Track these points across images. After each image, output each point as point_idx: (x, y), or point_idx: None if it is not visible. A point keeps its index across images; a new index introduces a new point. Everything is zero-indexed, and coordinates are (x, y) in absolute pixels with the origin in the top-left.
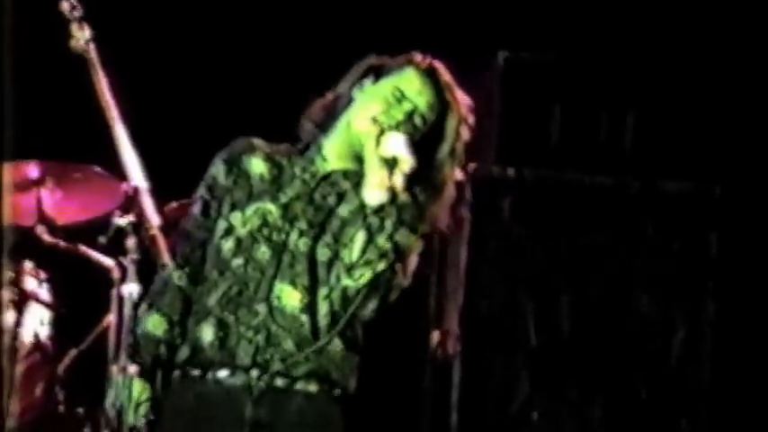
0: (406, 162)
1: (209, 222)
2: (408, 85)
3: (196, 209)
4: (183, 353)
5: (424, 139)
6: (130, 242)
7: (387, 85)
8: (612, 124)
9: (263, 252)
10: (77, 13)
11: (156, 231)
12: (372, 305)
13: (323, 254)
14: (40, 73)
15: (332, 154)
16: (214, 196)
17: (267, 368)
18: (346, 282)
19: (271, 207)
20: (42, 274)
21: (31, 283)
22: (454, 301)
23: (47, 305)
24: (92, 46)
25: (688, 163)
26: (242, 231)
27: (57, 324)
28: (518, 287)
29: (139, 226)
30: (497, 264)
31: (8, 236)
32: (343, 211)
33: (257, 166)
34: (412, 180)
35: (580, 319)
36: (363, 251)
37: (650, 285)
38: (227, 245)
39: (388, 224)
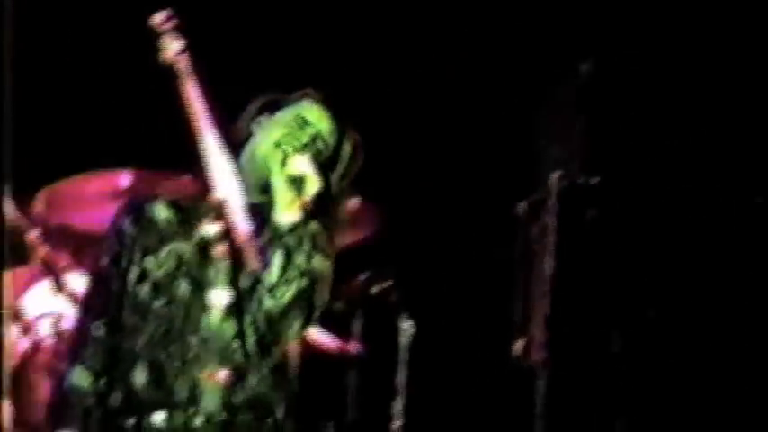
0: (313, 180)
1: (120, 271)
2: (309, 113)
3: (105, 261)
4: (116, 399)
5: (321, 165)
6: (220, 249)
7: (287, 114)
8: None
9: (184, 288)
10: (170, 25)
11: (244, 240)
12: (297, 325)
13: (244, 282)
14: (135, 83)
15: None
16: (123, 245)
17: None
18: (268, 303)
19: (185, 247)
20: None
21: None
22: (540, 309)
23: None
24: (183, 57)
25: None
26: (158, 274)
27: None
28: (603, 295)
29: (228, 235)
30: (582, 272)
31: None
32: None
33: (161, 211)
34: (317, 206)
35: (665, 329)
36: (283, 270)
37: (736, 297)
38: (144, 289)
39: (305, 243)
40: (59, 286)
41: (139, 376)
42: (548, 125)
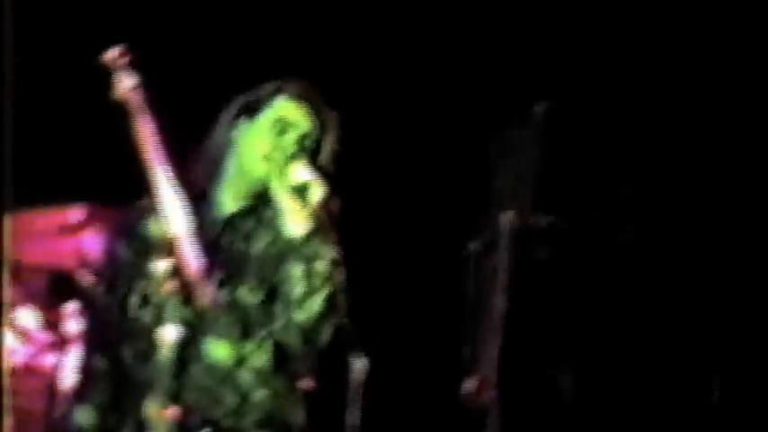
0: (317, 187)
1: (118, 299)
2: (287, 113)
3: (100, 290)
4: None
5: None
6: (169, 286)
7: (265, 120)
8: (649, 174)
9: (184, 312)
10: (123, 61)
11: (194, 276)
12: (329, 332)
13: (251, 298)
14: (85, 118)
15: (227, 199)
16: (118, 272)
17: (216, 428)
18: (300, 316)
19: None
20: (83, 318)
21: (72, 327)
22: (491, 348)
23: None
24: (136, 92)
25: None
26: (158, 299)
27: None
28: (554, 335)
29: (178, 271)
30: (533, 312)
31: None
32: (256, 250)
33: (154, 228)
34: (324, 210)
35: (615, 367)
36: (307, 282)
37: (686, 334)
38: (147, 314)
39: (323, 249)
40: (9, 321)
41: (152, 406)
42: (501, 165)
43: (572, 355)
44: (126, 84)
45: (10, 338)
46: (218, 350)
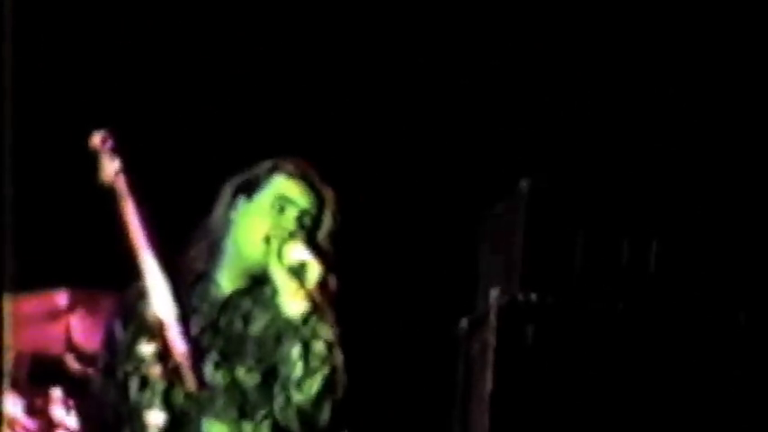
0: (314, 266)
1: (116, 382)
2: (285, 191)
3: (98, 374)
4: None
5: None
6: (156, 370)
7: (264, 198)
8: (636, 250)
9: (179, 395)
10: (109, 145)
11: (180, 361)
12: (327, 409)
13: (249, 379)
14: (70, 203)
15: (225, 279)
16: (115, 353)
17: None
18: (298, 397)
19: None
20: (71, 403)
21: (59, 412)
22: (479, 427)
23: None
24: (121, 177)
25: (712, 289)
26: (156, 381)
27: None
28: (543, 413)
29: (165, 355)
30: (522, 389)
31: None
32: (255, 330)
33: (150, 310)
34: (320, 290)
35: None
36: (306, 362)
37: (677, 410)
38: (145, 398)
39: (321, 329)
40: None
41: None
42: (488, 242)
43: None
44: (110, 168)
45: None
46: (215, 431)
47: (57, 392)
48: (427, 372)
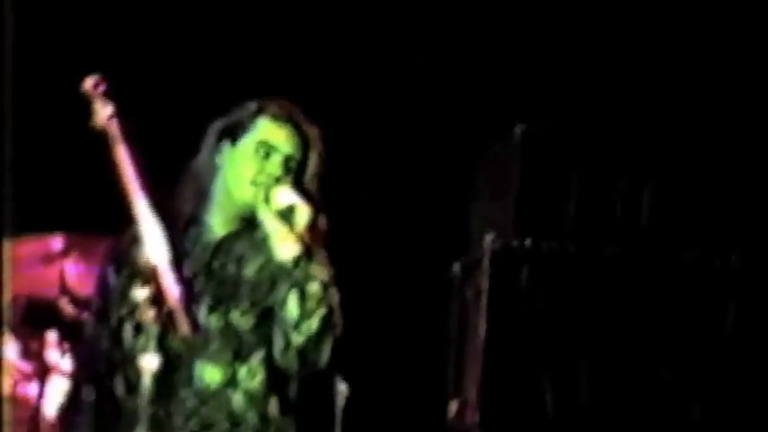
0: (303, 209)
1: (109, 329)
2: (269, 135)
3: (90, 319)
4: None
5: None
6: (149, 314)
7: (249, 143)
8: (630, 194)
9: (173, 339)
10: (101, 89)
11: (174, 305)
12: (327, 348)
13: (244, 322)
14: (64, 147)
15: (216, 223)
16: (108, 300)
17: None
18: (297, 339)
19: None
20: (65, 346)
21: (54, 355)
22: (474, 371)
23: (70, 377)
24: (114, 121)
25: (706, 233)
26: (150, 326)
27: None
28: (536, 357)
29: (159, 299)
30: (515, 334)
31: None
32: (248, 273)
33: (143, 255)
34: (310, 231)
35: (598, 390)
36: (302, 304)
37: (667, 355)
38: (141, 342)
39: (314, 270)
40: None
41: None
42: (482, 187)
43: (554, 376)
44: (103, 113)
45: None
46: (209, 373)
47: (51, 336)
48: (421, 315)
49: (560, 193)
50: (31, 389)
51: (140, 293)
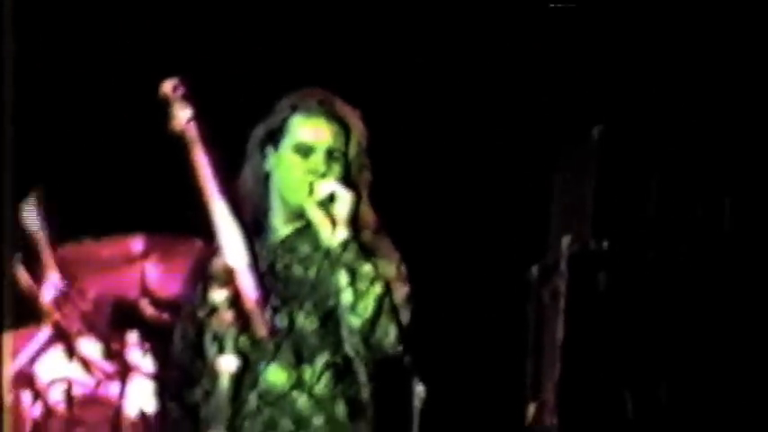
0: (344, 196)
1: (191, 343)
2: (305, 134)
3: (176, 338)
4: None
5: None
6: (227, 316)
7: (287, 147)
8: (709, 200)
9: (245, 341)
10: (179, 93)
11: (252, 307)
12: (393, 331)
13: (308, 324)
14: (145, 150)
15: (278, 223)
16: (192, 316)
17: None
18: (355, 322)
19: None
20: (147, 347)
21: (135, 355)
22: (551, 374)
23: (151, 377)
24: (192, 124)
25: None
26: (229, 328)
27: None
28: (615, 360)
29: (236, 301)
30: (593, 336)
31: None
32: (312, 273)
33: (218, 263)
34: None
35: (678, 392)
36: (354, 286)
37: (747, 360)
38: (217, 344)
39: (363, 252)
40: (72, 352)
41: None
42: (559, 189)
43: (632, 379)
44: (182, 116)
45: (75, 369)
46: (274, 376)
47: (133, 336)
48: (499, 318)
49: (638, 196)
50: (113, 389)
51: (219, 295)
